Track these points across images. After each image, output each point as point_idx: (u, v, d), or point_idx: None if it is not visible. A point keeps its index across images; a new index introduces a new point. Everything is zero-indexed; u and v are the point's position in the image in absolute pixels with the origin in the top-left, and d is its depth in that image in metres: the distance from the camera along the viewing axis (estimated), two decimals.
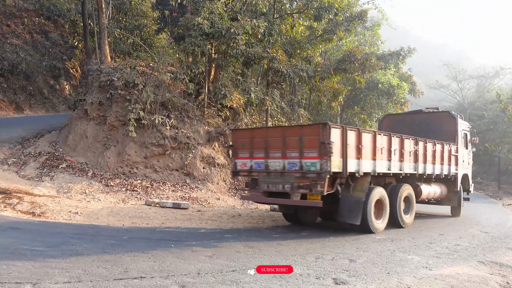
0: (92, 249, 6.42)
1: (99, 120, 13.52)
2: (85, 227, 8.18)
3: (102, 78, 13.96)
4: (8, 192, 10.10)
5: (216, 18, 13.81)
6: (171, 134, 12.80)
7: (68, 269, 5.34)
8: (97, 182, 11.73)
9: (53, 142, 14.16)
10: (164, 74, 13.35)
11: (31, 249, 6.18)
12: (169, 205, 10.52)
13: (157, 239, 7.36)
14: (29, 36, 31.69)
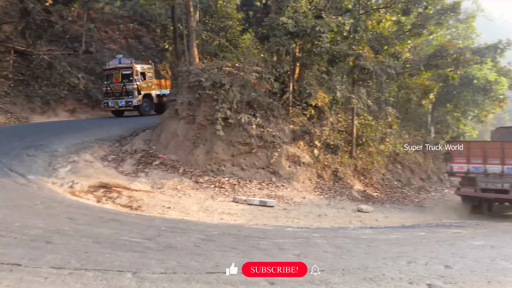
0: (184, 242, 6.73)
1: (188, 120, 14.12)
2: (177, 221, 8.58)
3: (191, 79, 14.55)
4: (109, 187, 10.90)
5: (300, 17, 13.80)
6: (257, 133, 13.03)
7: (163, 261, 5.64)
8: (188, 179, 12.25)
9: (147, 140, 15.02)
10: (249, 74, 13.61)
11: (130, 240, 6.61)
12: (256, 203, 10.72)
13: (245, 236, 7.53)
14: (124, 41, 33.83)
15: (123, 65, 22.92)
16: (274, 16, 14.42)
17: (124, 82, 22.57)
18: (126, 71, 22.75)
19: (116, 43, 32.71)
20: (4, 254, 5.55)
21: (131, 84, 22.57)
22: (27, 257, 5.48)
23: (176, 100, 14.77)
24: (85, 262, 5.38)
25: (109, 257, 5.65)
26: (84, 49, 28.34)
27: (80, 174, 11.64)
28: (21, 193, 9.41)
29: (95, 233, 6.87)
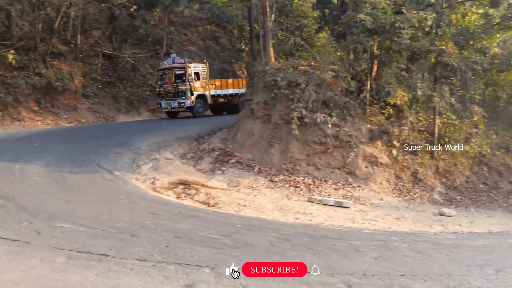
0: (260, 240, 6.78)
1: (264, 119, 14.24)
2: (252, 219, 8.68)
3: (267, 79, 14.65)
4: (187, 184, 11.28)
5: (379, 13, 13.38)
6: (332, 133, 12.84)
7: (240, 257, 5.73)
8: (263, 178, 12.36)
9: (224, 139, 15.37)
10: (325, 73, 13.43)
11: (208, 236, 6.79)
12: (331, 203, 10.57)
13: (321, 236, 7.45)
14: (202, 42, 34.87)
15: (177, 64, 22.40)
16: (351, 13, 14.11)
17: (177, 83, 22.05)
18: (179, 71, 22.19)
19: (195, 44, 33.81)
20: (94, 245, 5.95)
21: (184, 84, 22.02)
22: (114, 248, 5.83)
23: (252, 100, 14.95)
24: (166, 256, 5.61)
25: (188, 252, 5.85)
26: (164, 51, 29.56)
27: (161, 171, 12.16)
28: (108, 188, 10.01)
29: (175, 228, 7.13)
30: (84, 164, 11.75)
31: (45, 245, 5.86)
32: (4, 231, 6.41)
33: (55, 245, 5.88)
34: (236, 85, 25.40)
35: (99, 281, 4.82)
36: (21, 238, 6.13)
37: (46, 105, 20.97)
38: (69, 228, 6.69)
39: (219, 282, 4.89)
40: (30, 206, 7.92)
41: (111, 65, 26.16)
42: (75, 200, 8.59)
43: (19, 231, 6.45)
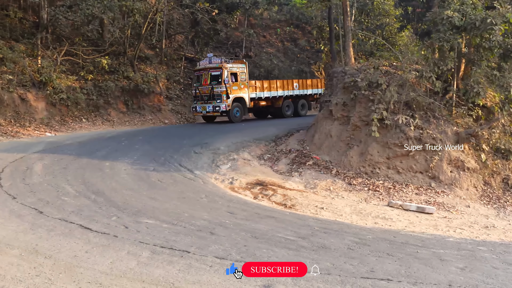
0: (337, 244, 6.67)
1: (343, 120, 14.00)
2: (330, 222, 8.56)
3: (346, 80, 14.41)
4: (265, 184, 11.39)
5: (468, 8, 12.63)
6: (415, 135, 12.32)
7: (317, 260, 5.67)
8: (340, 180, 12.16)
9: (301, 141, 15.33)
10: (408, 73, 12.92)
11: (285, 237, 6.79)
12: (413, 209, 10.15)
13: (402, 243, 7.17)
14: (281, 44, 35.09)
15: (213, 65, 20.96)
16: (437, 10, 13.45)
17: (212, 85, 20.59)
18: (215, 71, 20.70)
19: (273, 46, 34.12)
20: (176, 241, 6.19)
21: (220, 86, 20.48)
22: (195, 245, 6.03)
23: (330, 101, 14.77)
24: (244, 255, 5.70)
25: (266, 252, 5.90)
26: (244, 54, 30.13)
27: (239, 171, 12.39)
28: (189, 186, 10.37)
29: (253, 228, 7.22)
30: (167, 163, 12.28)
31: (131, 239, 6.19)
32: (95, 224, 6.87)
33: (141, 239, 6.19)
34: (281, 87, 23.66)
35: (181, 276, 5.00)
36: (110, 231, 6.53)
37: (133, 107, 22.23)
38: (153, 224, 7.03)
39: (296, 284, 4.88)
40: (118, 201, 8.42)
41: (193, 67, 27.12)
42: (158, 197, 9.00)
43: (108, 225, 6.88)
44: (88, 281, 4.85)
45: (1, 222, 6.82)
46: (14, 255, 5.52)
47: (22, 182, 9.45)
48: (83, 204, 8.08)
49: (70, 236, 6.25)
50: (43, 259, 5.39)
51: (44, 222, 6.91)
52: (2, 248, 5.74)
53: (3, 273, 4.95)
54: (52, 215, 7.23)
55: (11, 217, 7.11)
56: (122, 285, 4.79)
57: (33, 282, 4.80)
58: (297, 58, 33.60)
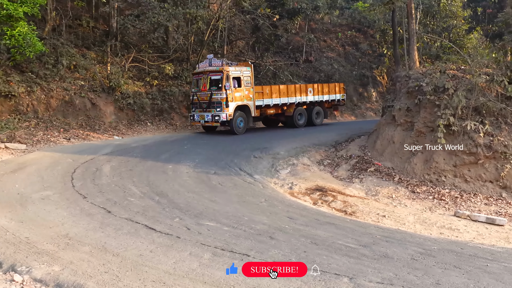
0: (400, 254, 6.46)
1: (406, 126, 13.59)
2: (392, 231, 8.32)
3: (410, 84, 13.98)
4: (324, 190, 11.27)
5: None
6: (484, 142, 11.71)
7: (379, 270, 5.53)
8: (403, 188, 11.79)
9: (362, 147, 15.04)
10: (478, 77, 12.33)
11: (345, 245, 6.67)
12: (482, 219, 9.63)
13: (470, 255, 6.82)
14: (342, 48, 34.67)
15: (213, 68, 18.35)
16: (510, 11, 12.77)
17: (211, 90, 18.08)
18: (215, 75, 18.13)
19: (334, 51, 33.78)
20: (236, 244, 6.27)
21: (220, 92, 17.89)
22: (255, 249, 6.07)
23: (393, 106, 14.38)
24: (304, 261, 5.66)
25: (326, 259, 5.83)
26: (304, 59, 30.05)
27: (298, 177, 12.34)
28: (249, 190, 10.46)
29: (312, 234, 7.16)
30: (227, 167, 12.47)
31: (193, 241, 6.35)
32: (159, 225, 7.11)
33: (202, 241, 6.33)
34: (292, 93, 20.82)
35: (241, 279, 5.06)
36: (173, 232, 6.73)
37: None
38: (214, 227, 7.16)
39: None
40: (180, 203, 8.66)
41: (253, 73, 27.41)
42: (219, 200, 9.16)
43: (172, 226, 7.09)
44: (153, 280, 5.02)
45: (73, 220, 7.22)
46: (85, 251, 5.82)
47: (92, 183, 9.96)
48: (148, 205, 8.38)
49: (136, 236, 6.51)
50: (111, 257, 5.65)
51: (112, 221, 7.24)
52: (75, 244, 6.08)
53: (75, 268, 5.25)
54: (119, 215, 7.57)
55: (82, 216, 7.52)
56: (185, 285, 4.92)
57: (102, 278, 5.04)
58: (358, 63, 33.04)
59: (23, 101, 16.57)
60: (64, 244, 6.05)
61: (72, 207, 8.02)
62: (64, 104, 17.84)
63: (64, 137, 15.68)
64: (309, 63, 30.05)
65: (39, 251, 5.78)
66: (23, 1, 14.10)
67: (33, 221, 7.11)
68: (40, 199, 8.43)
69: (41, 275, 5.10)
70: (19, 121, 15.88)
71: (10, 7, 13.58)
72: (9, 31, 13.85)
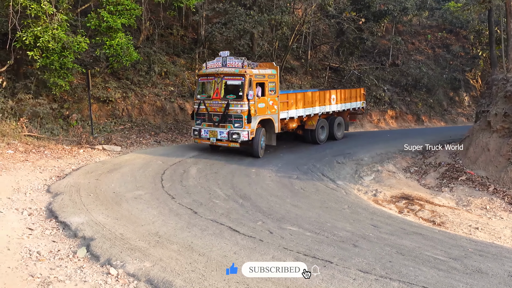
0: (496, 269, 6.04)
1: (503, 133, 12.66)
2: (486, 244, 7.78)
3: (508, 88, 13.01)
4: (411, 199, 10.83)
5: None
6: None
7: (472, 285, 5.25)
8: (499, 199, 10.98)
9: (452, 154, 14.24)
10: None
11: (434, 257, 6.37)
12: None
13: None
14: (431, 51, 33.12)
15: (229, 69, 13.73)
16: None
17: (228, 100, 13.45)
18: (234, 80, 13.58)
19: (423, 53, 32.40)
20: (319, 250, 6.24)
21: (240, 103, 13.31)
22: (337, 256, 6.00)
23: (488, 111, 13.48)
24: (389, 271, 5.49)
25: (412, 271, 5.61)
26: (390, 62, 29.12)
27: (383, 184, 11.98)
28: (331, 196, 10.34)
29: (398, 244, 6.92)
30: (310, 172, 12.43)
31: (276, 245, 6.41)
32: (242, 227, 7.27)
33: (285, 245, 6.37)
34: (316, 101, 16.89)
35: (323, 286, 5.03)
36: (256, 235, 6.84)
37: None
38: (296, 231, 7.17)
39: None
40: (263, 207, 8.79)
41: (337, 77, 27.08)
42: (301, 205, 9.16)
43: (254, 229, 7.22)
44: (237, 281, 5.15)
45: (162, 219, 7.62)
46: (173, 250, 6.11)
47: (180, 184, 10.43)
48: (232, 208, 8.61)
49: (221, 237, 6.71)
50: (197, 256, 5.88)
51: (198, 221, 7.53)
52: (164, 242, 6.40)
53: (164, 265, 5.53)
54: (205, 216, 7.85)
55: (170, 215, 7.90)
56: None
57: (189, 276, 5.26)
58: (449, 66, 31.35)
59: (119, 106, 17.76)
60: (155, 242, 6.40)
61: (162, 206, 8.45)
62: (155, 108, 18.85)
63: (155, 140, 16.56)
64: (395, 66, 29.06)
65: (132, 247, 6.17)
66: (121, 13, 15.12)
67: (127, 219, 7.60)
68: (133, 198, 8.99)
69: (134, 270, 5.44)
70: (115, 125, 17.05)
71: (110, 19, 14.64)
72: (108, 41, 14.94)
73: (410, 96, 27.89)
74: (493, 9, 20.75)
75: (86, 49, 14.75)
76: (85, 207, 8.17)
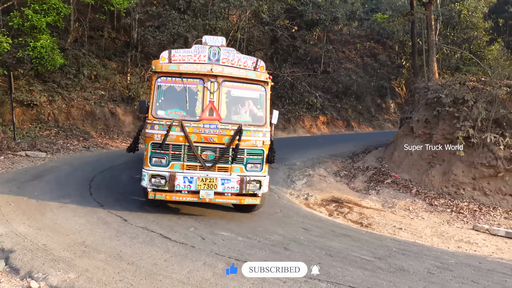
0: (417, 267, 6.39)
1: (424, 138, 13.46)
2: (408, 244, 8.21)
3: (429, 95, 13.87)
4: (340, 202, 11.20)
5: None
6: (505, 155, 11.52)
7: (395, 283, 5.48)
8: (421, 200, 11.65)
9: (379, 158, 14.92)
10: (498, 89, 12.18)
11: (360, 257, 6.62)
12: (501, 234, 9.44)
13: (488, 270, 6.70)
14: (360, 59, 34.59)
15: (237, 70, 8.21)
16: None
17: (239, 124, 7.82)
18: (245, 88, 8.25)
19: (352, 62, 33.71)
20: (251, 254, 6.27)
21: (261, 129, 8.13)
22: (269, 259, 6.05)
23: (411, 118, 14.27)
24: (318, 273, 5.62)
25: (340, 271, 5.79)
26: (322, 69, 30.04)
27: (314, 187, 12.30)
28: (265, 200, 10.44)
29: (327, 246, 7.12)
30: None
31: (208, 250, 6.36)
32: (174, 234, 7.13)
33: (217, 251, 6.34)
34: None
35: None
36: (188, 242, 6.75)
37: None
38: (228, 237, 7.16)
39: None
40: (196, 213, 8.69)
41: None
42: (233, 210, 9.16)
43: (186, 235, 7.11)
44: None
45: (90, 228, 7.30)
46: (100, 259, 5.88)
47: (109, 191, 10.07)
48: (164, 214, 8.42)
49: (151, 244, 6.54)
50: (126, 265, 5.69)
51: (128, 229, 7.29)
52: (91, 252, 6.14)
53: (90, 276, 5.30)
54: (135, 223, 7.62)
55: (98, 224, 7.59)
56: None
57: (117, 286, 5.08)
58: (377, 74, 32.89)
59: (44, 110, 16.90)
60: (81, 252, 6.12)
61: (90, 215, 8.10)
62: (84, 113, 18.14)
63: (84, 146, 15.92)
64: (327, 74, 30.02)
65: (56, 258, 5.86)
66: (47, 12, 14.37)
67: (50, 229, 7.21)
68: (58, 206, 8.55)
69: (57, 282, 5.17)
70: (40, 130, 16.19)
71: (34, 18, 13.86)
72: (32, 43, 14.14)
73: (340, 103, 28.92)
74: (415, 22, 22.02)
75: (8, 49, 13.88)
76: (4, 217, 7.65)
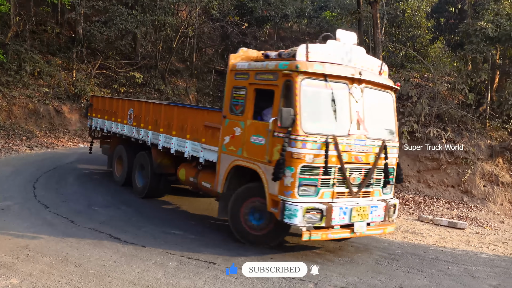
0: (365, 258, 6.58)
1: None
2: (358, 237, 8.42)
3: None
4: None
5: (502, 19, 12.41)
6: (447, 148, 12.07)
7: (345, 275, 5.62)
8: None
9: None
10: (440, 85, 12.74)
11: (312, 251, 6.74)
12: (444, 223, 9.88)
13: (432, 258, 7.00)
14: None
15: (361, 68, 6.76)
16: (470, 21, 13.26)
17: (383, 140, 6.48)
18: (378, 95, 6.90)
19: None
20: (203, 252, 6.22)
21: (394, 145, 6.95)
22: (221, 257, 6.04)
23: None
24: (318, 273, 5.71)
25: None
26: None
27: None
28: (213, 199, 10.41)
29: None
30: None
31: (159, 250, 6.26)
32: (124, 234, 6.97)
33: (168, 250, 6.25)
34: None
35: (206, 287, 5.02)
36: (139, 241, 6.62)
37: None
38: (181, 235, 7.09)
39: None
40: (148, 212, 8.55)
41: (222, 80, 27.36)
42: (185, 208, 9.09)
43: (137, 235, 6.98)
44: None
45: (34, 231, 7.00)
46: (45, 263, 5.65)
47: (55, 192, 9.70)
48: (114, 215, 8.22)
49: (100, 246, 6.36)
50: (73, 268, 5.50)
51: (75, 231, 7.06)
52: (35, 256, 5.89)
53: (34, 281, 5.08)
54: (83, 225, 7.38)
55: (43, 226, 7.28)
56: None
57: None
58: None
59: None
60: (24, 256, 5.86)
61: (34, 217, 7.77)
62: (27, 111, 17.37)
63: (27, 146, 15.24)
64: None
65: None
66: None
67: None
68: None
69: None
70: None
71: None
72: None
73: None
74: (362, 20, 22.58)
75: None
76: None
